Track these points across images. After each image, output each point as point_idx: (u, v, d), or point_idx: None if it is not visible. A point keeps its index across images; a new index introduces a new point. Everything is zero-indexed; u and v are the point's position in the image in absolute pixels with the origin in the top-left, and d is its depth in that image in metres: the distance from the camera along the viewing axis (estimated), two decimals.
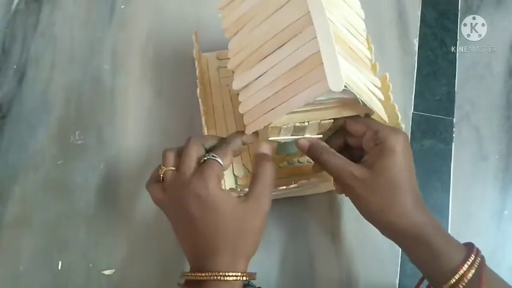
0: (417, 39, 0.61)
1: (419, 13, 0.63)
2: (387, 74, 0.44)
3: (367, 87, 0.36)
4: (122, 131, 0.54)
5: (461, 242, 0.37)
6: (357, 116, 0.40)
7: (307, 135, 0.40)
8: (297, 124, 0.37)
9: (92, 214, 0.50)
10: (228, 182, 0.48)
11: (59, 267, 0.48)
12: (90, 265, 0.48)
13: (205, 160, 0.35)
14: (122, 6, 0.62)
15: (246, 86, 0.38)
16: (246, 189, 0.37)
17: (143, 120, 0.55)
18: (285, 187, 0.43)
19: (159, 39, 0.60)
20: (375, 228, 0.38)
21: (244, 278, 0.34)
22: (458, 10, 0.64)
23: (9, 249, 0.49)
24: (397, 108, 0.43)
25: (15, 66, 0.58)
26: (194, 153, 0.36)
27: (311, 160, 0.50)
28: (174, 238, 0.49)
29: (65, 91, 0.56)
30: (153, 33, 0.60)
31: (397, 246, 0.50)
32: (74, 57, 0.58)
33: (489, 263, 0.35)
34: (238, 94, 0.39)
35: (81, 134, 0.54)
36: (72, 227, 0.50)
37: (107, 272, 0.48)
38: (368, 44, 0.42)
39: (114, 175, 0.52)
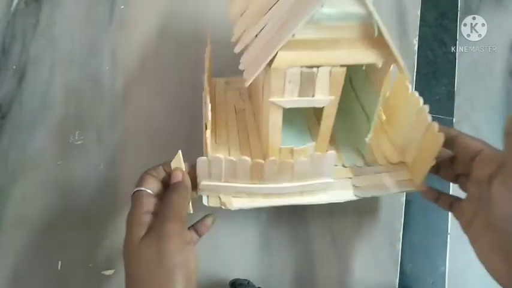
0: (417, 39, 0.61)
1: (419, 13, 0.63)
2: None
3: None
4: (121, 131, 0.54)
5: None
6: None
7: (317, 97, 0.37)
8: (304, 70, 0.34)
9: (92, 214, 0.50)
10: None
11: (59, 267, 0.48)
12: (90, 265, 0.48)
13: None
14: (122, 7, 0.62)
15: (247, 46, 0.36)
16: None
17: (143, 121, 0.55)
18: (288, 185, 0.41)
19: (158, 39, 0.60)
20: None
21: None
22: (458, 10, 0.63)
23: (9, 249, 0.49)
24: (417, 94, 0.42)
25: (14, 67, 0.58)
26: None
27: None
28: None
29: (64, 91, 0.56)
30: (153, 34, 0.60)
31: (396, 246, 0.50)
32: (73, 58, 0.58)
33: None
34: (244, 109, 0.37)
35: (81, 134, 0.54)
36: (72, 227, 0.50)
37: (106, 272, 0.48)
38: None
39: (113, 175, 0.52)
